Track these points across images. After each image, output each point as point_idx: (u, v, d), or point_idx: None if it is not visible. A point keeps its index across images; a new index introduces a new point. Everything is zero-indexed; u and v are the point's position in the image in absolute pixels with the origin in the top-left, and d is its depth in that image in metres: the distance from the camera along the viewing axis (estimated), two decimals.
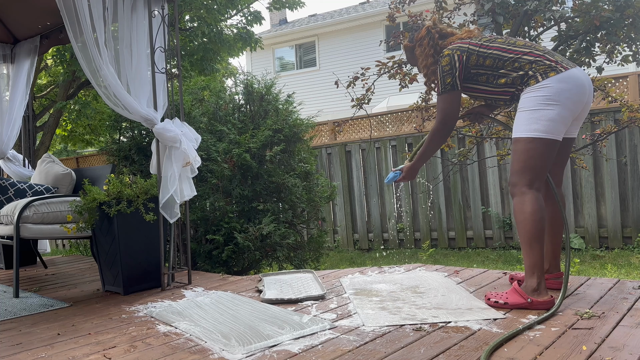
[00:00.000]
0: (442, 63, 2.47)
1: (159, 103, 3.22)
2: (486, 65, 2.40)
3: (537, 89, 2.27)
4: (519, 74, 2.33)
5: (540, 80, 2.28)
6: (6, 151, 4.52)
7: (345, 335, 2.10)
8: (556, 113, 2.25)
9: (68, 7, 3.05)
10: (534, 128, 2.26)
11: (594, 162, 6.09)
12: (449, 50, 2.46)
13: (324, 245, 4.67)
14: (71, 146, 12.82)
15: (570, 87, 2.26)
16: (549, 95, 2.25)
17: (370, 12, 15.36)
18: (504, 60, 2.37)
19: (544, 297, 2.25)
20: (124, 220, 3.10)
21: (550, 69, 2.28)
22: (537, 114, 2.26)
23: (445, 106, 2.49)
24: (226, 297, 2.86)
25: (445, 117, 2.50)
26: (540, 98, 2.26)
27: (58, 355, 2.08)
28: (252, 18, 8.36)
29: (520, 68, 2.33)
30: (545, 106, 2.25)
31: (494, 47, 2.40)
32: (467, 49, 2.42)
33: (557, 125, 2.26)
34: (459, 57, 2.42)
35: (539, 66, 2.30)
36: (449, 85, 2.46)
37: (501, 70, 2.37)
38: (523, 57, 2.34)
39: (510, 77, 2.35)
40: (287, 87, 5.80)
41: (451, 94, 2.47)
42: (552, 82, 2.25)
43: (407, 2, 4.18)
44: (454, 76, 2.44)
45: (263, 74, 4.80)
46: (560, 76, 2.26)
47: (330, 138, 8.09)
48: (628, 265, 5.16)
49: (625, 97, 4.77)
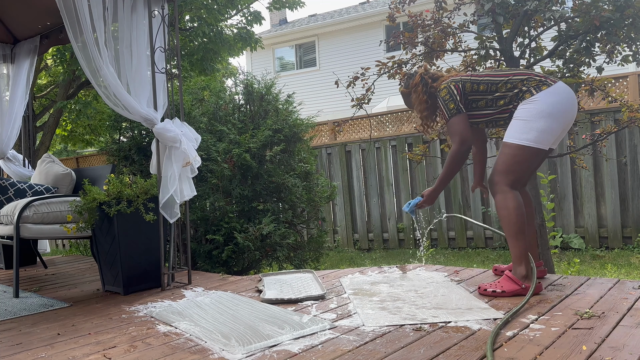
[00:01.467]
0: (442, 94, 2.67)
1: (159, 103, 3.22)
2: (481, 91, 2.62)
3: (532, 101, 2.47)
4: (514, 92, 2.53)
5: (534, 93, 2.47)
6: (6, 151, 4.52)
7: (345, 335, 2.10)
8: (548, 125, 2.44)
9: (68, 7, 3.05)
10: (525, 137, 2.45)
11: (594, 162, 6.09)
12: (444, 84, 2.68)
13: (324, 245, 4.67)
14: (71, 146, 12.82)
15: (561, 99, 2.46)
16: (543, 108, 2.44)
17: (370, 12, 15.36)
18: (496, 83, 2.59)
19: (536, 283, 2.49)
20: (124, 220, 3.10)
21: (542, 83, 2.49)
22: (530, 125, 2.45)
23: (458, 128, 2.61)
24: (226, 297, 2.86)
25: (462, 137, 2.60)
26: (534, 110, 2.45)
27: (58, 355, 2.08)
28: (252, 18, 8.36)
29: (513, 87, 2.54)
30: (538, 118, 2.44)
31: (484, 74, 2.64)
32: (460, 79, 2.67)
33: (546, 136, 2.45)
34: (455, 87, 2.65)
35: (530, 82, 2.51)
36: (454, 109, 2.63)
37: (496, 94, 2.58)
38: (513, 78, 2.55)
39: (507, 96, 2.56)
40: (287, 87, 5.80)
41: (459, 116, 2.63)
42: (546, 95, 2.45)
43: (407, 2, 4.18)
44: (457, 102, 2.63)
45: (263, 74, 4.80)
46: (552, 89, 2.46)
47: (330, 138, 8.09)
48: (628, 265, 5.16)
49: (625, 97, 4.77)
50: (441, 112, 2.71)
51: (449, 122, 2.65)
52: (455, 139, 2.62)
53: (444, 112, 2.66)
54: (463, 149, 2.60)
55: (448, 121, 2.65)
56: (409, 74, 2.92)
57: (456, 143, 2.61)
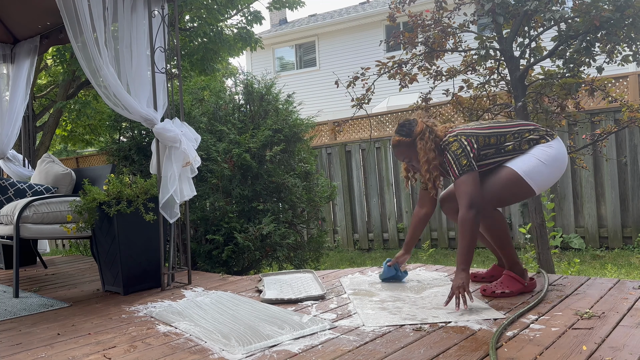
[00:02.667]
0: (452, 148, 2.48)
1: (159, 103, 3.22)
2: (492, 144, 2.53)
3: (549, 146, 2.50)
4: (526, 139, 2.53)
5: (549, 140, 2.52)
6: (6, 151, 4.52)
7: (345, 335, 2.10)
8: (554, 173, 2.50)
9: (68, 7, 3.05)
10: (532, 177, 2.45)
11: (594, 162, 6.09)
12: (452, 137, 2.51)
13: (324, 245, 4.67)
14: (71, 146, 12.82)
15: (565, 153, 2.55)
16: (557, 156, 2.49)
17: (370, 12, 15.36)
18: (505, 135, 2.53)
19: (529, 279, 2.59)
20: (123, 220, 3.10)
21: (549, 135, 2.54)
22: (542, 168, 2.46)
23: (467, 189, 2.40)
24: (226, 297, 2.86)
25: (472, 200, 2.38)
26: (551, 154, 2.48)
27: (58, 355, 2.08)
28: (252, 18, 8.35)
29: (521, 137, 2.53)
30: (552, 162, 2.47)
31: (488, 126, 2.57)
32: (471, 133, 2.52)
33: (547, 184, 2.51)
34: (468, 141, 2.48)
35: (539, 131, 2.55)
36: (466, 166, 2.44)
37: (506, 143, 2.53)
38: (521, 128, 2.56)
39: (517, 142, 2.53)
40: (287, 87, 5.79)
41: (471, 174, 2.43)
42: (557, 144, 2.53)
43: (407, 2, 4.18)
44: (470, 157, 2.46)
45: (263, 73, 4.80)
46: (559, 141, 2.55)
47: (330, 138, 8.09)
48: (628, 265, 5.16)
49: (625, 97, 4.77)
50: (450, 167, 2.48)
51: (458, 181, 2.44)
52: (463, 201, 2.39)
53: (454, 168, 2.45)
54: (472, 213, 2.36)
55: (457, 179, 2.44)
56: (405, 122, 2.66)
57: (464, 207, 2.37)
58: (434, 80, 4.26)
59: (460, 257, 2.36)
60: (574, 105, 4.14)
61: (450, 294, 2.32)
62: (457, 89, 4.35)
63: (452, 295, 2.31)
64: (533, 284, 2.59)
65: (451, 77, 4.23)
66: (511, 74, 3.92)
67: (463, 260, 2.35)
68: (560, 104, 4.00)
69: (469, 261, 2.36)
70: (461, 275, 2.32)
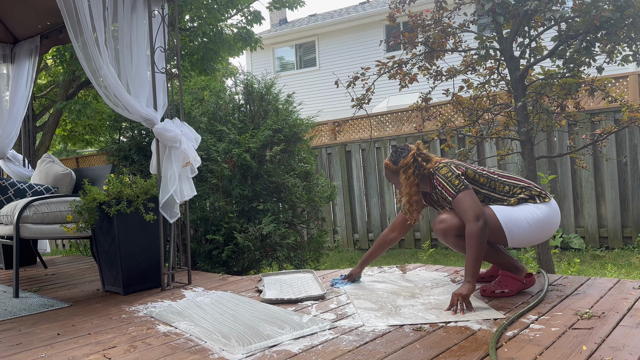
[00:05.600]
0: (442, 172, 2.49)
1: (159, 103, 3.22)
2: (480, 183, 2.53)
3: (537, 208, 2.47)
4: (516, 195, 2.50)
5: (538, 202, 2.49)
6: (6, 151, 4.52)
7: (345, 335, 2.10)
8: (534, 238, 2.48)
9: (68, 7, 3.05)
10: (510, 230, 2.43)
11: (594, 162, 6.09)
12: (443, 164, 2.52)
13: (324, 245, 4.67)
14: (71, 146, 12.82)
15: (556, 218, 2.52)
16: (542, 221, 2.46)
17: (370, 12, 15.35)
18: (495, 182, 2.53)
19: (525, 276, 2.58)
20: (123, 220, 3.10)
21: (541, 197, 2.51)
22: (523, 225, 2.44)
23: (466, 204, 2.39)
24: (226, 297, 2.86)
25: (475, 212, 2.36)
26: (537, 218, 2.45)
27: (58, 355, 2.08)
28: (252, 18, 8.35)
29: (512, 192, 2.52)
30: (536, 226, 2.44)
31: (482, 168, 2.60)
32: (462, 164, 2.55)
33: (522, 243, 2.49)
34: (458, 168, 2.50)
35: (532, 191, 2.51)
36: (460, 185, 2.43)
37: (496, 191, 2.53)
38: (515, 183, 2.53)
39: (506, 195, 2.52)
40: (287, 87, 5.79)
41: (467, 191, 2.42)
42: (548, 208, 2.49)
43: (407, 2, 4.18)
44: (461, 178, 2.46)
45: (263, 73, 4.80)
46: (552, 205, 2.51)
47: (330, 138, 8.09)
48: (628, 265, 5.16)
49: (625, 97, 4.77)
50: (445, 191, 2.46)
51: (456, 200, 2.42)
52: (467, 215, 2.37)
53: (448, 189, 2.44)
54: (480, 224, 2.33)
55: (454, 199, 2.42)
56: (400, 148, 2.64)
57: (470, 221, 2.35)
58: (434, 80, 4.26)
59: (468, 270, 2.34)
60: (574, 105, 4.14)
61: (451, 301, 2.32)
62: (457, 89, 4.35)
63: (451, 303, 2.32)
64: (532, 280, 2.58)
65: (451, 77, 4.23)
66: (511, 74, 3.92)
67: (470, 272, 2.33)
68: (560, 104, 4.00)
69: (476, 274, 2.34)
70: (466, 286, 2.31)
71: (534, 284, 2.61)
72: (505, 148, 4.49)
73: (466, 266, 2.35)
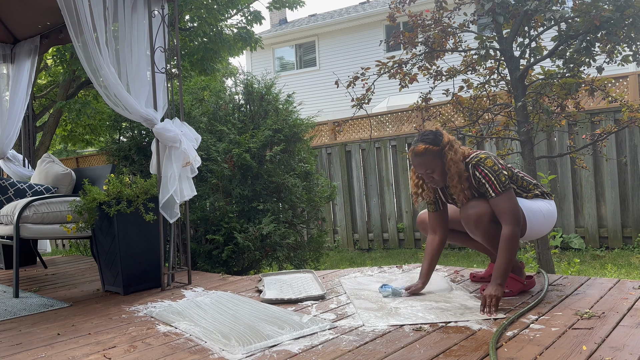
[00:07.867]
0: (488, 164, 2.38)
1: (159, 103, 3.22)
2: (508, 175, 2.51)
3: (549, 203, 2.58)
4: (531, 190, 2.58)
5: (546, 199, 2.59)
6: (6, 151, 4.52)
7: (345, 335, 2.10)
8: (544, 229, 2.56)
9: (69, 7, 3.05)
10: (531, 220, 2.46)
11: (594, 162, 6.09)
12: (484, 154, 2.42)
13: (324, 245, 4.67)
14: (71, 146, 12.82)
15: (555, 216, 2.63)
16: (552, 213, 2.57)
17: (370, 12, 15.35)
18: (516, 175, 2.57)
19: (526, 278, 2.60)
20: (123, 220, 3.10)
21: (547, 195, 2.61)
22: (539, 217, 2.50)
23: (511, 205, 2.33)
24: (226, 297, 2.86)
25: (518, 218, 2.33)
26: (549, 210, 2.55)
27: (58, 355, 2.08)
28: (252, 18, 8.35)
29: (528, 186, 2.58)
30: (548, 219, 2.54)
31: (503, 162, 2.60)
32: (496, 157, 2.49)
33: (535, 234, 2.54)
34: (496, 159, 2.44)
35: (539, 189, 2.60)
36: (507, 181, 2.37)
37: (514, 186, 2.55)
38: (527, 179, 2.60)
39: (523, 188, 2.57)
40: (287, 87, 5.79)
41: (511, 191, 2.37)
42: (554, 206, 2.61)
43: (407, 2, 4.18)
44: (506, 175, 2.40)
45: (263, 73, 4.80)
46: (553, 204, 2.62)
47: (330, 138, 8.09)
48: (628, 265, 5.16)
49: (625, 97, 4.77)
50: (490, 185, 2.35)
51: (500, 197, 2.33)
52: (508, 217, 2.31)
53: (494, 185, 2.34)
54: (518, 230, 2.32)
55: (498, 196, 2.34)
56: (428, 131, 2.51)
57: (511, 223, 2.31)
58: (434, 80, 4.26)
59: (498, 272, 2.31)
60: (574, 105, 4.14)
61: (482, 301, 2.27)
62: (457, 88, 4.35)
63: (483, 303, 2.27)
64: (532, 282, 2.60)
65: (451, 77, 4.23)
66: (511, 74, 3.93)
67: (501, 275, 2.30)
68: (560, 104, 4.00)
69: (506, 277, 2.32)
70: (499, 288, 2.28)
71: (534, 285, 2.62)
72: (505, 148, 4.48)
73: (497, 267, 2.32)
